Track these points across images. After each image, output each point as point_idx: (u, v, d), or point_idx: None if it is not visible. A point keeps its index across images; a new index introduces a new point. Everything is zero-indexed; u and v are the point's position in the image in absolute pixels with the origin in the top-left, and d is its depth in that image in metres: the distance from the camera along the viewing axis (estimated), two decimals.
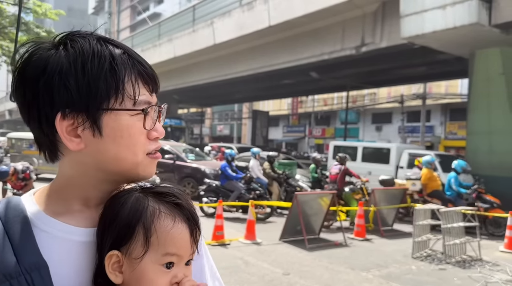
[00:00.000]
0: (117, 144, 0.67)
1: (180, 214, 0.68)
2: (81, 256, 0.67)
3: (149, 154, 0.71)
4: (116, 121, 0.67)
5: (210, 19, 16.55)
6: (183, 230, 0.67)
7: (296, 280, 4.87)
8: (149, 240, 0.65)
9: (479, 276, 5.28)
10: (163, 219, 0.66)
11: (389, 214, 8.38)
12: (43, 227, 0.67)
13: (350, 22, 12.89)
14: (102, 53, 0.66)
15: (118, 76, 0.66)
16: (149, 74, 0.70)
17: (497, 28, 9.54)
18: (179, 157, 12.18)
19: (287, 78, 18.89)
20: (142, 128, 0.69)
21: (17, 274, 0.61)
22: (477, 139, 11.31)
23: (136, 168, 0.70)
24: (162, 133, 0.72)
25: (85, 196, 0.70)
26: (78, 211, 0.70)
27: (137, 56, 0.70)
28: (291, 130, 36.29)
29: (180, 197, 0.70)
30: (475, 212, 6.91)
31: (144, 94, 0.69)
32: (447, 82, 24.47)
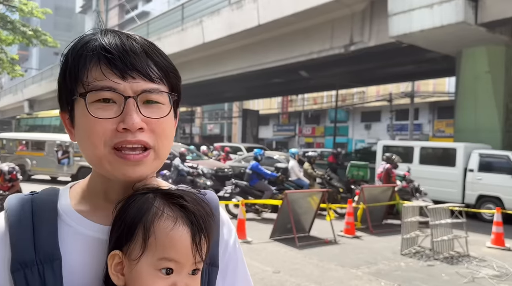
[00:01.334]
0: (80, 134, 0.67)
1: (184, 216, 0.63)
2: (96, 253, 0.66)
3: (117, 149, 0.64)
4: (78, 110, 0.66)
5: (199, 18, 16.50)
6: (184, 233, 0.62)
7: (286, 278, 4.88)
8: (147, 241, 0.61)
9: (466, 272, 5.35)
10: (163, 220, 0.62)
11: (378, 211, 8.44)
12: (68, 221, 0.68)
13: (339, 21, 12.96)
14: (77, 43, 0.68)
15: (72, 65, 0.66)
16: (115, 59, 0.63)
17: (483, 27, 9.68)
18: (176, 156, 12.14)
19: (277, 77, 18.92)
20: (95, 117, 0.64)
21: (32, 263, 0.62)
22: (464, 136, 11.45)
23: (101, 163, 0.65)
24: (131, 125, 0.63)
25: (103, 189, 0.70)
26: (102, 208, 0.70)
27: (108, 42, 0.65)
28: (281, 129, 36.36)
29: (189, 200, 0.65)
30: (462, 209, 7.00)
31: (103, 80, 0.63)
32: (435, 80, 24.75)
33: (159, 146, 0.67)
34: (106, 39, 0.66)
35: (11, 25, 15.23)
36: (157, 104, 0.67)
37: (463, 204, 7.53)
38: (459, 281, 5.03)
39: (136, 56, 0.65)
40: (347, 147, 30.26)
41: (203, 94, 25.97)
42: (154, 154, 0.66)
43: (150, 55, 0.67)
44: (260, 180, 8.98)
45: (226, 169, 11.89)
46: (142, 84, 0.65)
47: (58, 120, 19.58)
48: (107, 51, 0.64)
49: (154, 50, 0.69)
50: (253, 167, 9.08)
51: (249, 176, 9.21)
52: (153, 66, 0.67)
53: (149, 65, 0.66)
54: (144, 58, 0.66)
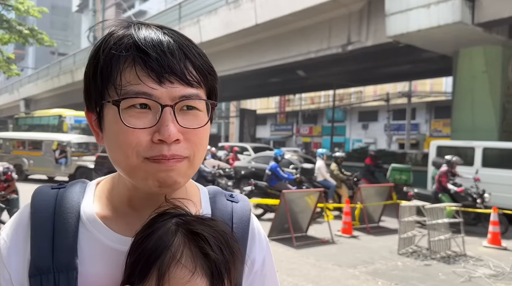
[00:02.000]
0: (110, 141, 0.62)
1: (204, 266, 0.57)
2: (115, 264, 0.63)
3: (151, 158, 0.59)
4: (108, 115, 0.61)
5: (197, 17, 16.46)
6: None
7: (283, 278, 4.88)
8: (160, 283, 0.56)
9: (463, 271, 5.36)
10: (181, 268, 0.56)
11: (376, 210, 8.46)
12: (89, 227, 0.65)
13: (336, 21, 12.96)
14: (103, 41, 0.63)
15: (104, 65, 0.60)
16: (151, 61, 0.58)
17: (480, 27, 9.70)
18: None
19: (274, 76, 18.91)
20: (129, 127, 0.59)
21: (48, 271, 0.60)
22: (461, 136, 11.47)
23: (134, 172, 0.61)
24: (167, 137, 0.58)
25: (128, 195, 0.67)
26: (124, 215, 0.67)
27: (143, 39, 0.60)
28: (278, 128, 36.39)
29: (213, 243, 0.58)
30: (459, 208, 7.02)
31: (137, 84, 0.58)
32: (432, 80, 24.83)
33: (195, 155, 0.62)
34: (142, 35, 0.60)
35: (7, 24, 15.16)
36: (194, 110, 0.62)
37: (459, 204, 7.53)
38: (456, 280, 5.04)
39: (173, 58, 0.60)
40: (345, 146, 30.31)
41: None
42: (188, 163, 0.62)
43: (188, 55, 0.62)
44: (280, 181, 8.96)
45: (227, 168, 11.90)
46: (180, 90, 0.60)
47: (56, 119, 19.48)
48: (142, 52, 0.59)
49: (192, 49, 0.64)
50: (272, 168, 9.05)
51: (268, 176, 9.17)
52: (191, 68, 0.61)
53: (187, 67, 0.61)
54: (182, 59, 0.61)
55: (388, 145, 25.25)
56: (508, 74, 11.19)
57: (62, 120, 18.48)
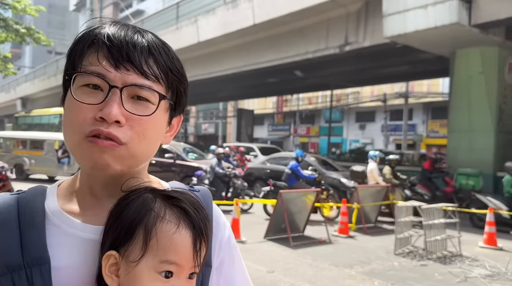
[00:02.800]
0: (64, 116, 0.65)
1: (186, 220, 0.62)
2: (87, 254, 0.65)
3: (89, 136, 0.61)
4: (67, 94, 0.66)
5: (194, 17, 16.45)
6: (186, 237, 0.61)
7: (280, 278, 4.89)
8: (149, 243, 0.60)
9: (459, 271, 5.38)
10: (166, 223, 0.61)
11: (372, 211, 8.48)
12: (56, 222, 0.66)
13: (334, 21, 12.98)
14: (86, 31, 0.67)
15: (78, 47, 0.65)
16: (113, 49, 0.62)
17: (476, 28, 9.73)
18: (179, 156, 11.85)
19: (272, 76, 18.92)
20: (79, 102, 0.62)
21: (19, 268, 0.60)
22: (458, 137, 11.53)
23: (74, 152, 0.64)
24: (107, 115, 0.60)
25: (89, 184, 0.69)
26: (89, 206, 0.69)
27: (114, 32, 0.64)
28: (276, 129, 36.41)
29: (188, 203, 0.64)
30: (455, 208, 7.05)
31: (96, 65, 0.62)
32: (429, 81, 24.91)
33: (134, 144, 0.63)
34: (113, 29, 0.65)
35: (3, 22, 15.11)
36: (146, 102, 0.64)
37: (455, 204, 7.56)
38: (452, 280, 5.06)
39: (135, 49, 0.63)
40: (342, 146, 30.37)
41: (198, 94, 25.90)
42: (126, 151, 0.62)
43: (153, 52, 0.65)
44: (298, 180, 8.94)
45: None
46: (133, 78, 0.62)
47: (57, 118, 19.39)
48: (108, 40, 0.63)
49: (161, 49, 0.66)
50: (293, 167, 9.04)
51: (288, 175, 9.16)
52: (152, 64, 0.64)
53: (148, 61, 0.64)
54: (145, 53, 0.64)
55: (385, 145, 25.31)
56: (504, 76, 11.24)
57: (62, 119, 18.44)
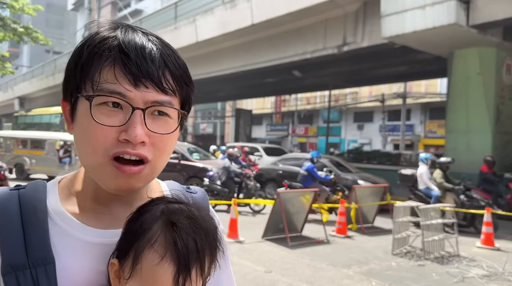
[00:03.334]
0: (79, 134, 0.64)
1: (174, 253, 0.60)
2: (88, 256, 0.65)
3: (116, 159, 0.61)
4: (80, 108, 0.64)
5: (193, 17, 16.44)
6: (166, 271, 0.59)
7: (278, 278, 4.89)
8: (135, 267, 0.61)
9: (456, 272, 5.39)
10: (152, 252, 0.60)
11: (370, 211, 8.49)
12: (57, 220, 0.66)
13: (332, 22, 13.00)
14: (88, 38, 0.65)
15: (86, 60, 0.63)
16: (131, 64, 0.60)
17: (474, 29, 9.76)
18: (184, 156, 11.71)
19: (270, 76, 18.92)
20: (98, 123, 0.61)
21: (24, 267, 0.60)
22: (455, 137, 11.56)
23: (96, 170, 0.63)
24: (133, 138, 0.60)
25: (93, 189, 0.68)
26: (91, 209, 0.69)
27: (127, 42, 0.62)
28: (274, 129, 36.42)
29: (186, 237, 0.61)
30: (453, 209, 7.06)
31: (114, 83, 0.60)
32: (427, 81, 24.96)
33: (157, 160, 0.64)
34: (127, 38, 0.63)
35: (1, 21, 15.06)
36: (165, 117, 0.64)
37: (453, 205, 7.58)
38: (449, 280, 5.07)
39: (153, 64, 0.62)
40: (340, 147, 30.40)
41: (196, 93, 25.67)
42: (150, 168, 0.64)
43: (168, 64, 0.64)
44: (314, 182, 8.90)
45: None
46: (153, 95, 0.62)
47: (57, 118, 19.31)
48: (124, 54, 0.61)
49: (173, 58, 0.66)
50: (309, 169, 9.04)
51: (303, 177, 9.13)
52: (169, 77, 0.64)
53: (164, 75, 0.63)
54: (162, 66, 0.63)
55: (383, 145, 25.35)
56: (502, 76, 11.27)
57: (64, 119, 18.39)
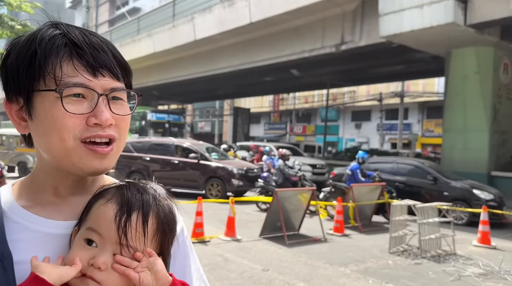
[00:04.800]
0: (44, 127, 0.66)
1: (119, 199, 0.67)
2: (49, 248, 0.67)
3: (87, 142, 0.66)
4: (42, 103, 0.66)
5: (191, 15, 16.42)
6: (109, 209, 0.65)
7: (275, 276, 4.90)
8: (86, 216, 0.67)
9: (453, 270, 5.42)
10: (102, 198, 0.67)
11: (367, 209, 8.51)
12: (15, 218, 0.68)
13: (330, 20, 13.00)
14: (36, 36, 0.67)
15: (40, 57, 0.65)
16: (87, 56, 0.66)
17: (472, 28, 9.79)
18: (203, 156, 11.46)
19: (268, 75, 18.93)
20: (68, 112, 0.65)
21: None
22: (453, 136, 11.60)
23: (69, 156, 0.66)
24: (104, 121, 0.65)
25: (53, 185, 0.71)
26: (50, 203, 0.71)
27: (78, 37, 0.67)
28: (272, 127, 36.43)
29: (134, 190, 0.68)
30: (450, 208, 7.09)
31: (75, 76, 0.65)
32: (424, 80, 25.01)
33: (121, 139, 0.71)
34: (74, 34, 0.67)
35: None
36: (120, 101, 0.70)
37: (450, 203, 7.61)
38: (446, 279, 5.09)
39: (105, 54, 0.68)
40: (337, 145, 30.43)
41: (194, 92, 25.87)
42: (117, 147, 0.70)
43: (114, 53, 0.70)
44: (358, 181, 8.80)
45: (255, 169, 11.57)
46: (110, 83, 0.68)
47: None
48: (78, 47, 0.66)
49: (116, 49, 0.72)
50: (352, 169, 9.02)
51: (348, 176, 9.08)
52: (117, 65, 0.70)
53: (114, 63, 0.69)
54: (111, 56, 0.69)
55: (380, 144, 25.38)
56: (499, 75, 11.31)
57: None
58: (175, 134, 18.14)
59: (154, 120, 18.38)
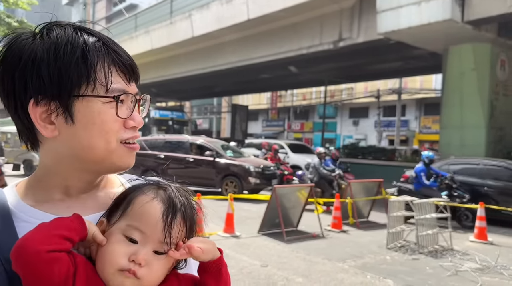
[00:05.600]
0: (89, 131, 0.68)
1: (164, 197, 0.69)
2: None
3: (125, 143, 0.71)
4: (88, 108, 0.67)
5: (188, 12, 16.38)
6: (155, 208, 0.67)
7: (274, 272, 4.93)
8: (126, 210, 0.68)
9: (450, 265, 5.46)
10: (144, 195, 0.69)
11: (365, 206, 8.55)
12: (24, 217, 0.68)
13: (328, 17, 13.00)
14: (75, 40, 0.67)
15: (90, 63, 0.67)
16: (124, 63, 0.70)
17: (469, 25, 9.81)
18: (219, 154, 11.32)
19: (266, 72, 18.93)
20: (115, 115, 0.69)
21: None
22: (450, 133, 11.65)
23: (110, 156, 0.70)
24: (139, 123, 0.73)
25: (64, 185, 0.72)
26: (59, 200, 0.72)
27: (113, 45, 0.71)
28: (270, 124, 36.45)
29: (175, 190, 0.72)
30: (447, 203, 7.13)
31: (118, 83, 0.69)
32: (422, 77, 25.04)
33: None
34: (107, 40, 0.71)
35: None
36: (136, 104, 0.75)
37: (447, 199, 7.66)
38: (443, 274, 5.14)
39: (132, 61, 0.73)
40: (335, 142, 30.48)
41: (192, 89, 25.86)
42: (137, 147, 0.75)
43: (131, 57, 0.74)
44: (424, 185, 8.27)
45: (272, 167, 11.43)
46: (135, 87, 0.74)
47: None
48: (118, 54, 0.71)
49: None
50: (416, 171, 8.45)
51: (412, 179, 8.63)
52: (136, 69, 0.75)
53: (136, 69, 0.75)
54: (134, 63, 0.73)
55: (378, 141, 25.46)
56: (496, 72, 11.35)
57: None
58: (179, 131, 17.95)
59: (157, 118, 18.22)
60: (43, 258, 0.59)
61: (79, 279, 0.62)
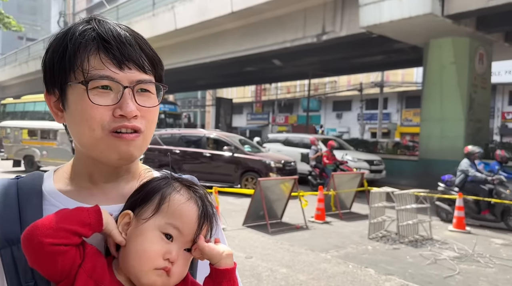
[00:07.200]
0: (75, 117, 0.71)
1: (197, 199, 0.72)
2: None
3: (114, 132, 0.69)
4: (73, 95, 0.70)
5: (171, 3, 16.19)
6: (193, 209, 0.70)
7: (258, 263, 4.99)
8: (161, 206, 0.69)
9: (429, 254, 5.62)
10: (180, 194, 0.70)
11: (347, 197, 8.69)
12: (52, 201, 0.73)
13: (312, 10, 13.04)
14: (68, 31, 0.72)
15: (72, 51, 0.69)
16: (113, 50, 0.69)
17: (449, 19, 9.99)
18: (238, 149, 10.96)
19: (250, 65, 18.90)
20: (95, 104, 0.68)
21: (18, 241, 0.65)
22: (430, 125, 11.87)
23: (98, 145, 0.70)
24: (129, 112, 0.69)
25: (88, 172, 0.76)
26: (85, 188, 0.76)
27: (106, 32, 0.70)
28: (254, 118, 36.45)
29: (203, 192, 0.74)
30: (426, 194, 7.30)
31: (102, 69, 0.68)
32: (403, 70, 25.37)
33: (148, 131, 0.73)
34: (103, 28, 0.71)
35: None
36: (147, 93, 0.74)
37: (427, 190, 7.83)
38: (423, 262, 5.29)
39: (132, 48, 0.71)
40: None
41: (176, 82, 25.59)
42: (143, 138, 0.73)
43: (142, 47, 0.73)
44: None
45: (292, 162, 10.99)
46: (136, 75, 0.71)
47: None
48: (105, 41, 0.69)
49: (145, 43, 0.75)
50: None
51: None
52: (145, 58, 0.73)
53: (141, 56, 0.72)
54: (138, 49, 0.72)
55: (361, 133, 25.75)
56: (475, 65, 11.60)
57: None
58: (171, 125, 17.51)
59: None
60: (46, 250, 0.61)
61: (83, 270, 0.64)
